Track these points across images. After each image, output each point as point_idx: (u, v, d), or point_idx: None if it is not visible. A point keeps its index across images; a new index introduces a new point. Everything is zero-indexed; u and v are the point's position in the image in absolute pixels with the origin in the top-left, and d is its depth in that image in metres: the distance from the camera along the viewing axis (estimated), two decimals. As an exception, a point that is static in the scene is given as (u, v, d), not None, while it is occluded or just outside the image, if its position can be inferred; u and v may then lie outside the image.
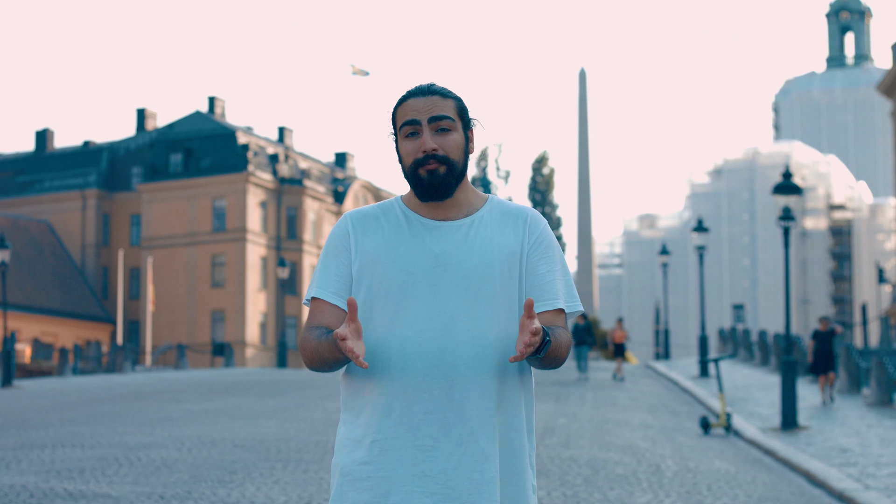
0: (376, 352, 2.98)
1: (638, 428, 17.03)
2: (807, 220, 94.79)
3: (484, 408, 2.97)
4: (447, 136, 3.02)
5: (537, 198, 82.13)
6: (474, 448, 2.95)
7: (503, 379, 3.01)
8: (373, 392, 2.99)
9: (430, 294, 2.98)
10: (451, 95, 3.06)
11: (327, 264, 3.08)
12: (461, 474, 2.94)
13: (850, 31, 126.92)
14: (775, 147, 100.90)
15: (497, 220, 3.09)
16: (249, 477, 10.61)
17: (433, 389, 2.95)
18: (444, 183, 3.01)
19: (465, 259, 3.01)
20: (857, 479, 12.08)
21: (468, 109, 3.10)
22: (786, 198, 19.53)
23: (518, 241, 3.07)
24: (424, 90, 3.04)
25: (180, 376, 33.40)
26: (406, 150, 3.03)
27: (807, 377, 27.77)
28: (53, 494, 9.44)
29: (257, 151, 71.32)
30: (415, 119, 3.01)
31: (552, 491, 10.30)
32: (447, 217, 3.06)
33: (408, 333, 2.97)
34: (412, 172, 3.02)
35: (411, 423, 2.95)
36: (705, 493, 10.73)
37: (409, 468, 2.94)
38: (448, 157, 3.01)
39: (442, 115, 3.01)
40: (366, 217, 3.10)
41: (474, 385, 2.96)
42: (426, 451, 2.94)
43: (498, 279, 3.02)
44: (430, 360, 2.95)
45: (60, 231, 72.98)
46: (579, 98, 66.21)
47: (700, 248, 34.17)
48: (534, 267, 3.07)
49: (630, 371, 34.76)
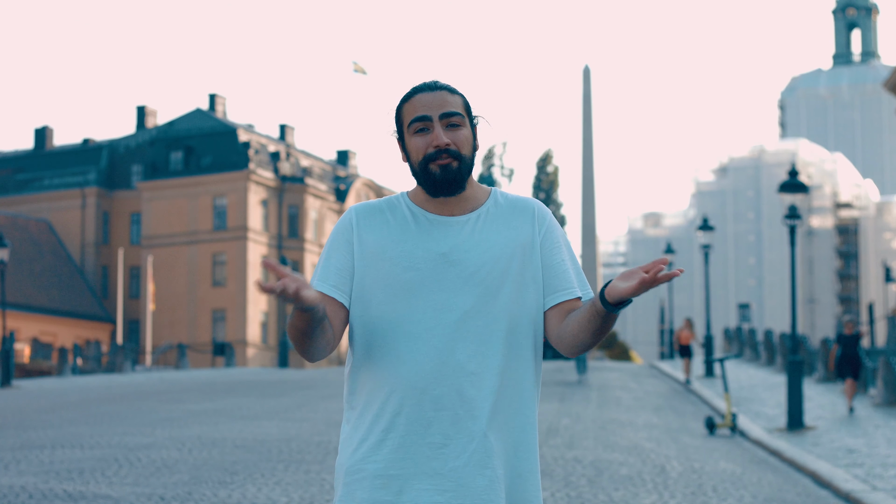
0: (383, 351, 2.98)
1: (642, 428, 16.99)
2: (813, 218, 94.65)
3: (494, 404, 2.96)
4: (458, 131, 3.03)
5: (541, 196, 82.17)
6: (485, 445, 2.94)
7: (513, 375, 3.01)
8: (381, 390, 2.98)
9: (438, 291, 2.97)
10: (457, 92, 3.07)
11: (329, 257, 3.06)
12: (472, 472, 2.93)
13: (857, 27, 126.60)
14: (781, 145, 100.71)
15: (503, 213, 3.09)
16: (250, 478, 10.58)
17: (443, 386, 2.94)
18: (457, 177, 3.01)
19: (472, 255, 3.01)
20: (863, 480, 12.06)
21: (472, 106, 3.11)
22: (792, 196, 19.52)
23: (529, 234, 3.07)
24: (432, 86, 3.05)
25: (181, 376, 33.38)
26: (416, 146, 3.02)
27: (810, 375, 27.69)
28: (53, 495, 9.40)
29: (258, 149, 71.25)
30: (426, 115, 3.01)
31: (556, 492, 10.27)
32: (453, 213, 3.06)
33: (416, 330, 2.96)
34: (422, 168, 3.02)
35: (422, 420, 2.94)
36: (710, 494, 10.69)
37: (419, 466, 2.93)
38: (460, 152, 3.02)
39: (453, 112, 3.02)
40: (371, 211, 3.09)
41: (484, 382, 2.96)
42: (437, 449, 2.93)
43: (505, 274, 3.01)
44: (439, 357, 2.95)
45: (60, 229, 72.90)
46: (583, 95, 66.04)
47: (705, 247, 34.11)
48: (548, 258, 3.08)
49: (635, 371, 34.68)
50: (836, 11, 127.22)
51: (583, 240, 65.52)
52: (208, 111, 74.36)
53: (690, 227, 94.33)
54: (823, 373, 26.87)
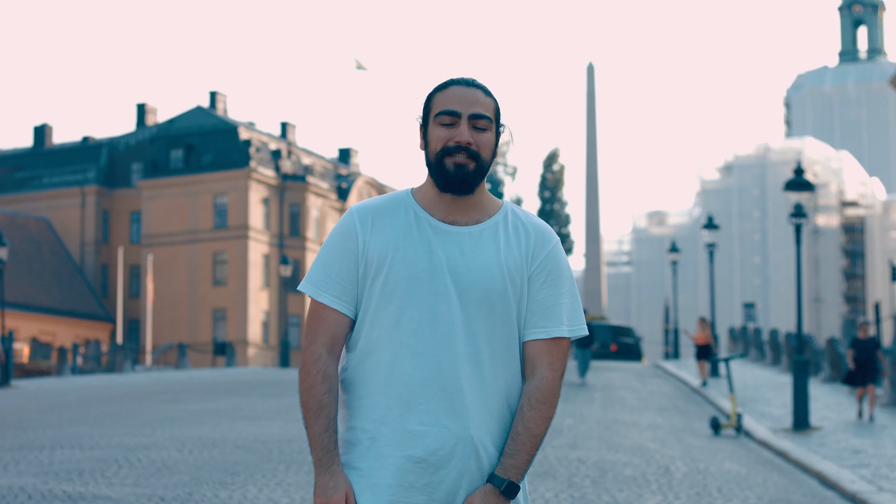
0: (375, 357, 2.97)
1: (647, 429, 16.95)
2: (819, 216, 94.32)
3: (482, 422, 2.96)
4: (482, 134, 3.01)
5: (546, 195, 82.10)
6: (471, 463, 2.94)
7: (502, 392, 2.99)
8: (370, 397, 2.98)
9: (433, 302, 2.96)
10: (492, 95, 3.07)
11: (329, 262, 3.02)
12: (453, 489, 2.94)
13: (863, 24, 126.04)
14: (787, 143, 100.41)
15: (508, 232, 3.06)
16: (251, 479, 10.56)
17: (430, 401, 2.93)
18: (471, 179, 2.99)
19: (469, 269, 2.98)
20: (870, 481, 12.03)
21: (501, 114, 3.10)
22: (797, 194, 19.53)
23: (520, 262, 3.03)
24: (469, 82, 3.04)
25: (181, 376, 33.43)
26: (437, 136, 3.00)
27: (816, 375, 27.59)
28: (52, 496, 9.39)
29: (259, 147, 71.19)
30: (456, 111, 2.99)
31: (560, 493, 10.26)
32: (458, 220, 3.03)
33: (408, 341, 2.95)
34: (438, 160, 3.00)
35: (406, 432, 2.93)
36: (715, 495, 10.68)
37: (398, 478, 2.93)
38: (479, 155, 3.00)
39: (482, 115, 3.01)
40: (374, 213, 3.05)
41: (472, 399, 2.95)
42: (415, 462, 2.93)
43: (500, 291, 2.99)
44: (428, 370, 2.94)
45: (59, 228, 72.80)
46: (587, 93, 66.04)
47: (710, 246, 34.06)
48: (535, 292, 3.03)
49: (639, 371, 34.57)
50: (842, 8, 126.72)
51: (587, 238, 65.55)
52: (209, 109, 74.28)
53: (695, 226, 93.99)
54: (829, 373, 26.81)
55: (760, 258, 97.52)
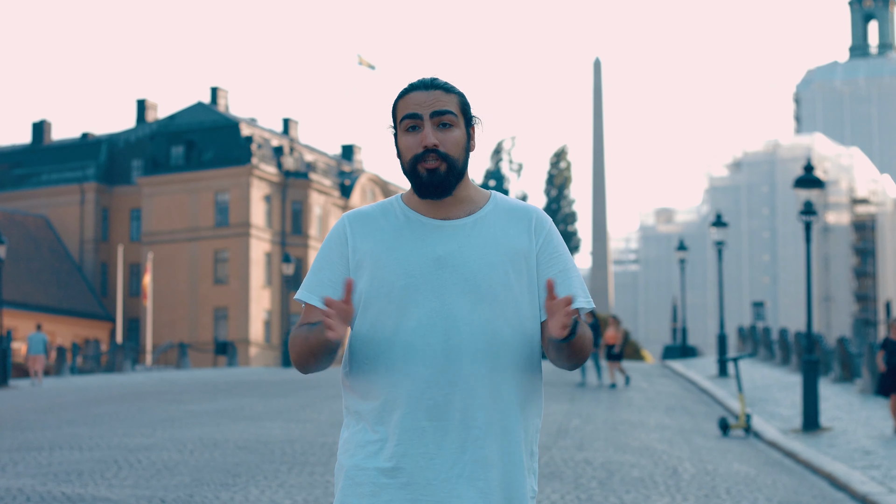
0: (379, 356, 2.99)
1: (654, 429, 16.92)
2: (829, 214, 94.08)
3: (490, 413, 2.98)
4: (449, 132, 3.00)
5: (553, 193, 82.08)
6: (479, 455, 2.96)
7: (510, 383, 3.00)
8: (377, 397, 2.99)
9: (433, 297, 2.97)
10: (454, 90, 3.05)
11: (321, 267, 3.07)
12: (464, 482, 2.95)
13: (874, 19, 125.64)
14: (796, 139, 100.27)
15: (501, 218, 3.07)
16: (253, 480, 10.57)
17: (437, 396, 2.95)
18: (444, 182, 2.99)
19: (467, 260, 3.00)
20: (880, 482, 12.02)
21: (470, 106, 3.09)
22: (807, 191, 19.58)
23: (525, 243, 3.06)
24: (427, 84, 3.03)
25: (182, 376, 33.54)
26: (406, 145, 3.00)
27: (826, 375, 27.44)
28: (51, 498, 9.40)
29: (261, 144, 71.10)
30: (416, 113, 2.99)
31: (566, 494, 10.25)
32: (448, 216, 3.04)
33: (411, 338, 2.97)
34: (411, 168, 3.00)
35: (415, 429, 2.95)
36: (724, 497, 10.66)
37: (412, 476, 2.94)
38: (448, 155, 2.98)
39: (444, 110, 2.99)
40: (365, 218, 3.08)
41: (480, 390, 2.97)
42: (430, 458, 2.95)
43: (502, 280, 3.01)
44: (434, 364, 2.95)
45: (58, 226, 72.70)
46: (594, 89, 65.87)
47: (719, 244, 33.97)
48: (545, 269, 3.07)
49: (646, 370, 34.51)
50: (852, 3, 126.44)
51: (593, 236, 65.40)
52: (210, 105, 74.15)
53: (703, 224, 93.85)
54: (839, 373, 26.69)
55: (769, 256, 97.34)
